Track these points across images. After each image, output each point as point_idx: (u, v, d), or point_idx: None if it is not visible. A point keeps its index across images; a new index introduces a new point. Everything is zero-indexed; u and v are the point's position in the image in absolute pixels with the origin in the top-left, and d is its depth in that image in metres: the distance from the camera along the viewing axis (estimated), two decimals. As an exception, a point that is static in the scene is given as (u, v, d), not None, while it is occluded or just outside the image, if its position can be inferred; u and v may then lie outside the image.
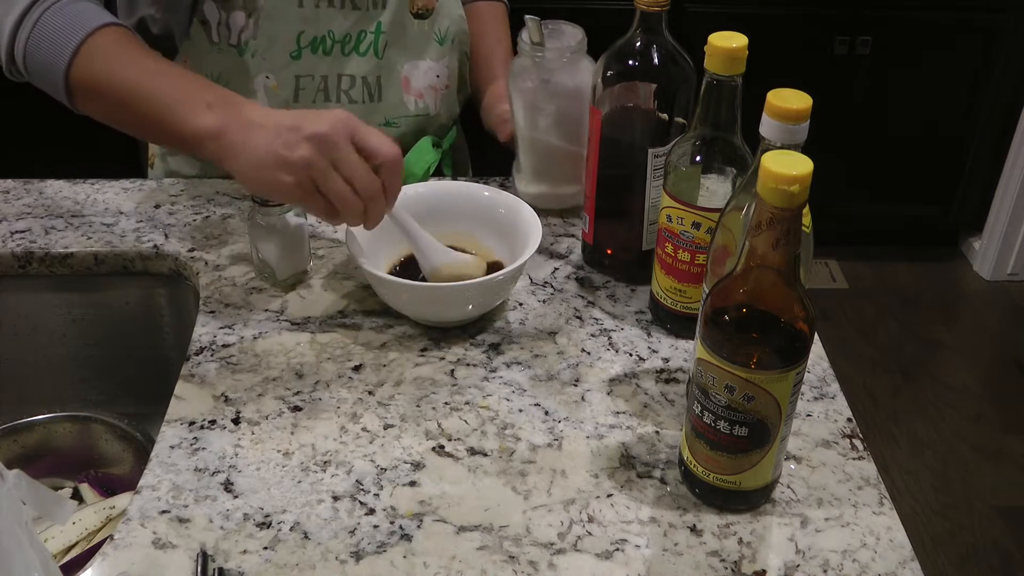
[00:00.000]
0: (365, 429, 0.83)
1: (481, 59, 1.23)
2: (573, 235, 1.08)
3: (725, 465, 0.73)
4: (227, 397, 0.86)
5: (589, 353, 0.92)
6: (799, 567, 0.72)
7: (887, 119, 2.51)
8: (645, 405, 0.86)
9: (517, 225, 0.96)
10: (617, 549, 0.73)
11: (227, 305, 0.96)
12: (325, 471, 0.79)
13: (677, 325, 0.93)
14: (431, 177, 1.14)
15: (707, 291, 0.77)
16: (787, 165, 0.62)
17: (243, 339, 0.92)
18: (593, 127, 0.94)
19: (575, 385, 0.88)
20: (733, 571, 0.72)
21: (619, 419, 0.84)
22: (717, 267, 0.78)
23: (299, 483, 0.78)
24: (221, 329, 0.93)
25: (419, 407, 0.85)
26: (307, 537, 0.74)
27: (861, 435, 0.84)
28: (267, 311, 0.96)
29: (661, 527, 0.75)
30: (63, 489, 1.00)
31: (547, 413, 0.85)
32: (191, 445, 0.81)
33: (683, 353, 0.92)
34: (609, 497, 0.77)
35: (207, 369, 0.89)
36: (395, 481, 0.78)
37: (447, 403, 0.86)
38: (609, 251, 1.01)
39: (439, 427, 0.83)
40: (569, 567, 0.72)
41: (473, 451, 0.81)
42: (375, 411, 0.85)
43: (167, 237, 1.06)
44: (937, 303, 2.60)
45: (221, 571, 0.71)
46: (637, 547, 0.73)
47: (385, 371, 0.89)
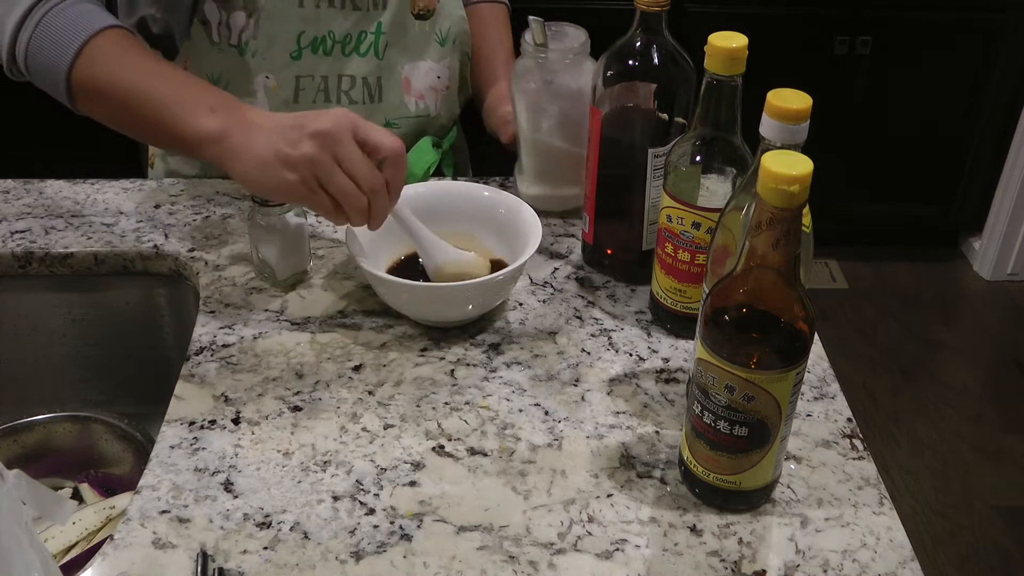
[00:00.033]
0: (365, 429, 0.83)
1: (483, 60, 1.23)
2: (573, 235, 1.08)
3: (725, 465, 0.73)
4: (227, 397, 0.86)
5: (589, 353, 0.92)
6: (799, 567, 0.72)
7: (887, 119, 2.51)
8: (645, 405, 0.86)
9: (517, 225, 0.96)
10: (617, 549, 0.73)
11: (227, 305, 0.96)
12: (325, 471, 0.79)
13: (677, 325, 0.93)
14: (431, 177, 1.14)
15: (707, 291, 0.77)
16: (787, 165, 0.62)
17: (243, 339, 0.92)
18: (593, 127, 0.94)
19: (575, 385, 0.88)
20: (733, 571, 0.72)
21: (619, 419, 0.84)
22: (717, 267, 0.78)
23: (299, 483, 0.78)
24: (221, 329, 0.93)
25: (419, 407, 0.85)
26: (307, 537, 0.74)
27: (861, 435, 0.84)
28: (267, 311, 0.96)
29: (661, 527, 0.75)
30: (63, 489, 1.00)
31: (547, 413, 0.85)
32: (191, 445, 0.81)
33: (683, 353, 0.92)
34: (609, 497, 0.77)
35: (207, 369, 0.89)
36: (395, 481, 0.78)
37: (447, 403, 0.86)
38: (609, 251, 1.01)
39: (439, 427, 0.83)
40: (569, 567, 0.72)
41: (473, 451, 0.81)
42: (375, 411, 0.85)
43: (167, 237, 1.06)
44: (937, 303, 2.60)
45: (221, 571, 0.71)
46: (637, 547, 0.73)
47: (385, 371, 0.89)
